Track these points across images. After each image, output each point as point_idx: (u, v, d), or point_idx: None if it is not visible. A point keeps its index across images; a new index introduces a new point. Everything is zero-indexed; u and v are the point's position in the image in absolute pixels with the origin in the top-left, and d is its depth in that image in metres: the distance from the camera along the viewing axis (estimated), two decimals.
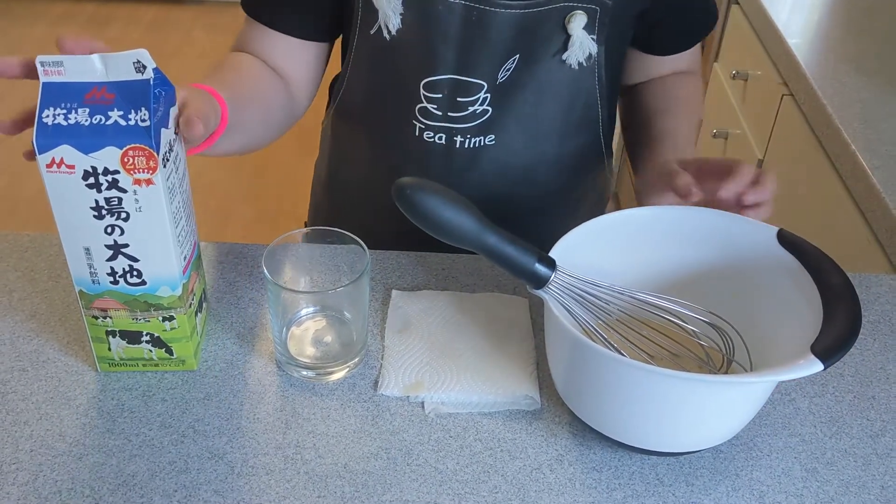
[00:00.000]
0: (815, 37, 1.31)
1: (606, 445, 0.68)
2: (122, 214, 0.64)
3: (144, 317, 0.69)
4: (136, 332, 0.70)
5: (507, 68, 0.83)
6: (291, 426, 0.68)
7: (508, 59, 0.83)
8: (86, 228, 0.64)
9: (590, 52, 0.83)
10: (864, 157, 1.02)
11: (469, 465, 0.66)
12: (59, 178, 0.62)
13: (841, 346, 0.58)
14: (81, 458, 0.65)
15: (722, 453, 0.68)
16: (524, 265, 0.64)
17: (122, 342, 0.71)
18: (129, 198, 0.63)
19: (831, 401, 0.73)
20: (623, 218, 0.72)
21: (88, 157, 0.61)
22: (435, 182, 0.64)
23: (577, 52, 0.82)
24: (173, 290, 0.68)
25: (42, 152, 0.60)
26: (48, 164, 0.61)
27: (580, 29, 0.81)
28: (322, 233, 0.74)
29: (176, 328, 0.70)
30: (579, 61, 0.83)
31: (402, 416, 0.70)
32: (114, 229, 0.64)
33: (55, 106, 0.61)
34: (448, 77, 0.83)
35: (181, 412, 0.69)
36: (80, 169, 0.61)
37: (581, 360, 0.64)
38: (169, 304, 0.69)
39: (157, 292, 0.68)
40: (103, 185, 0.62)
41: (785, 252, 0.68)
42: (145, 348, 0.71)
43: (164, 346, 0.71)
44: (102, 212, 0.63)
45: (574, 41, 0.81)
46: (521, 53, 0.82)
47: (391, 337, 0.76)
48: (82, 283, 0.67)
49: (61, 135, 0.60)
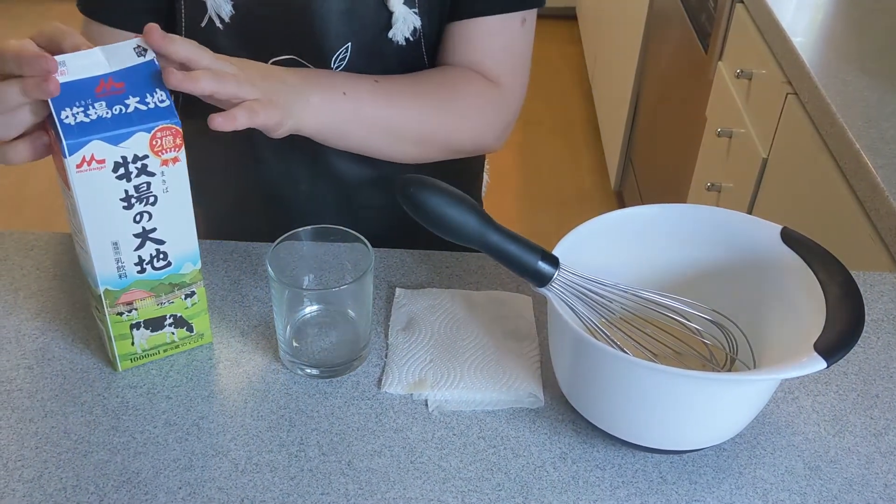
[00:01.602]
0: (819, 36, 1.31)
1: (610, 443, 0.68)
2: (150, 199, 0.65)
3: (169, 299, 0.71)
4: (159, 318, 0.72)
5: (342, 58, 0.84)
6: (295, 424, 0.69)
7: (341, 48, 0.83)
8: (115, 222, 0.65)
9: (414, 26, 0.83)
10: (868, 155, 1.02)
11: (472, 463, 0.66)
12: (89, 176, 0.62)
13: (844, 343, 0.58)
14: (86, 456, 0.66)
15: (725, 451, 0.68)
16: (527, 263, 0.64)
17: (147, 332, 0.72)
18: (156, 181, 0.64)
19: (834, 399, 0.73)
20: (626, 216, 0.72)
21: (118, 147, 0.61)
22: (438, 180, 0.64)
23: (401, 28, 0.83)
24: (195, 264, 0.70)
25: (72, 153, 0.60)
26: (78, 164, 0.61)
27: (401, 4, 0.82)
28: (326, 231, 0.74)
29: (196, 302, 0.73)
30: (406, 37, 0.83)
31: (406, 413, 0.70)
32: (142, 216, 0.66)
33: (70, 106, 0.61)
34: (290, 58, 0.84)
35: (185, 410, 0.69)
36: (111, 161, 0.62)
37: (584, 359, 0.64)
38: (191, 280, 0.71)
39: (181, 270, 0.70)
40: (133, 173, 0.63)
41: (789, 250, 0.68)
42: (168, 332, 0.73)
43: (186, 325, 0.73)
44: (132, 201, 0.64)
45: (397, 17, 0.82)
46: (352, 41, 0.83)
47: (395, 335, 0.76)
48: (108, 281, 0.68)
49: (89, 131, 0.60)
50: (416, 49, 0.86)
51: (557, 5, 3.60)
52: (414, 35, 0.84)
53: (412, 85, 0.84)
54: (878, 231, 0.99)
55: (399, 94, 0.82)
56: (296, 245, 0.75)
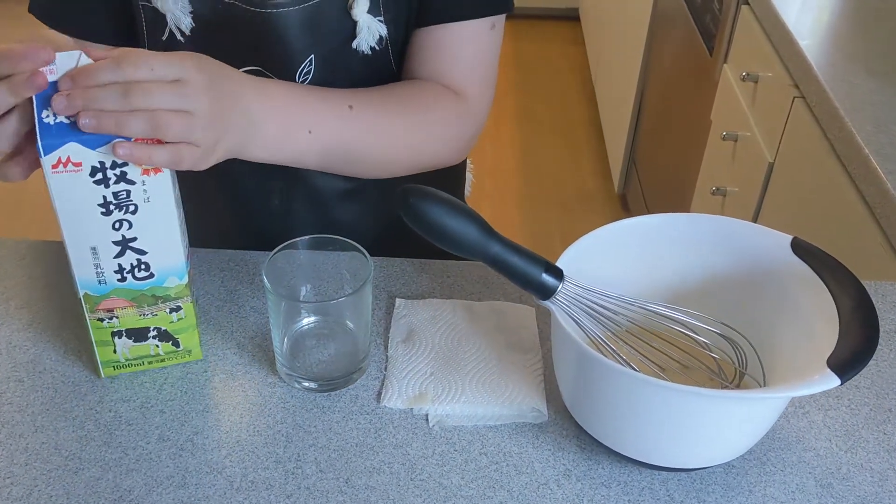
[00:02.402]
0: (826, 38, 1.29)
1: (615, 460, 0.66)
2: (130, 208, 0.63)
3: (152, 311, 0.69)
4: (142, 329, 0.70)
5: (307, 71, 0.81)
6: (292, 439, 0.67)
7: (305, 60, 0.81)
8: (93, 227, 0.63)
9: (380, 35, 0.81)
10: (877, 161, 1.00)
11: (474, 481, 0.64)
12: (65, 178, 0.60)
13: (858, 360, 0.56)
14: (77, 473, 0.64)
15: (734, 468, 0.66)
16: (531, 276, 0.62)
17: (129, 341, 0.70)
18: (137, 189, 0.62)
19: (846, 413, 0.71)
20: (632, 225, 0.70)
21: (96, 152, 0.60)
22: (438, 190, 0.62)
23: (366, 37, 0.80)
24: (180, 278, 0.68)
25: (48, 153, 0.59)
26: (54, 165, 0.59)
27: (364, 13, 0.79)
28: (324, 241, 0.72)
29: (183, 318, 0.70)
30: (371, 46, 0.81)
31: (406, 428, 0.68)
32: (122, 224, 0.64)
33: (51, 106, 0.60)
34: (255, 69, 0.81)
35: (180, 424, 0.68)
36: (88, 165, 0.60)
37: (589, 374, 0.62)
38: (176, 294, 0.68)
39: (165, 283, 0.67)
40: (111, 179, 0.61)
41: (799, 261, 0.66)
42: (152, 344, 0.71)
43: (171, 339, 0.71)
44: (110, 207, 0.63)
45: (361, 26, 0.79)
46: (314, 53, 0.80)
47: (395, 347, 0.74)
48: (88, 286, 0.66)
49: (67, 133, 0.59)
50: (384, 57, 0.83)
51: (560, 6, 3.59)
52: (380, 44, 0.82)
53: (383, 111, 0.79)
54: (889, 238, 0.97)
55: (369, 123, 0.78)
56: (293, 254, 0.73)
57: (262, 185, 0.90)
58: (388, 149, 0.80)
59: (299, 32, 0.79)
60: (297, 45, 0.80)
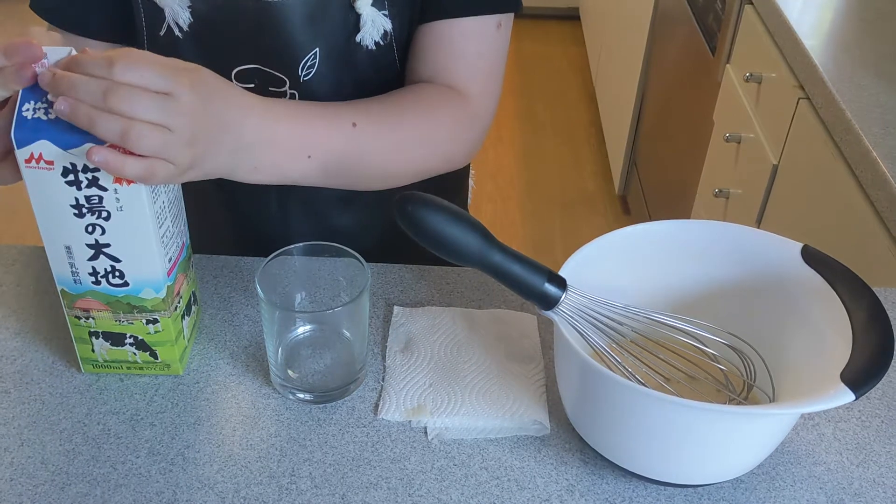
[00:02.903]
0: (832, 38, 1.27)
1: (620, 475, 0.64)
2: (102, 213, 0.61)
3: (128, 319, 0.67)
4: (119, 335, 0.68)
5: (310, 65, 0.79)
6: (286, 453, 0.65)
7: (308, 54, 0.78)
8: (67, 226, 0.61)
9: (384, 29, 0.78)
10: (885, 164, 0.98)
11: (474, 496, 0.62)
12: (38, 174, 0.59)
13: (873, 374, 0.54)
14: (64, 489, 0.62)
15: (742, 484, 0.64)
16: (533, 285, 0.60)
17: (106, 344, 0.68)
18: (109, 196, 0.60)
19: (857, 426, 0.69)
20: (637, 232, 0.68)
21: (67, 153, 0.58)
22: (438, 197, 0.60)
23: (370, 32, 0.78)
24: (157, 292, 0.65)
25: (20, 147, 0.58)
26: (27, 160, 0.58)
27: (369, 6, 0.77)
28: (319, 247, 0.70)
29: (160, 331, 0.67)
30: (375, 41, 0.79)
31: (404, 442, 0.66)
32: (95, 228, 0.62)
33: (36, 100, 0.58)
34: (255, 67, 0.79)
35: (170, 438, 0.66)
36: (60, 165, 0.59)
37: (593, 387, 0.60)
38: (153, 307, 0.66)
39: (140, 294, 0.65)
40: (83, 182, 0.59)
41: (810, 270, 0.64)
42: (129, 350, 0.69)
43: (149, 350, 0.69)
44: (83, 210, 0.61)
45: (365, 19, 0.77)
46: (319, 47, 0.78)
47: (392, 356, 0.72)
48: (64, 283, 0.65)
49: (40, 130, 0.58)
50: (388, 53, 0.81)
51: (561, 6, 3.57)
52: (385, 38, 0.79)
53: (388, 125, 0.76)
54: None
55: (373, 139, 0.75)
56: (288, 261, 0.71)
57: (257, 191, 0.88)
58: (391, 163, 0.77)
59: (302, 25, 0.77)
60: (299, 39, 0.78)
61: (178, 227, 0.68)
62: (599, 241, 0.66)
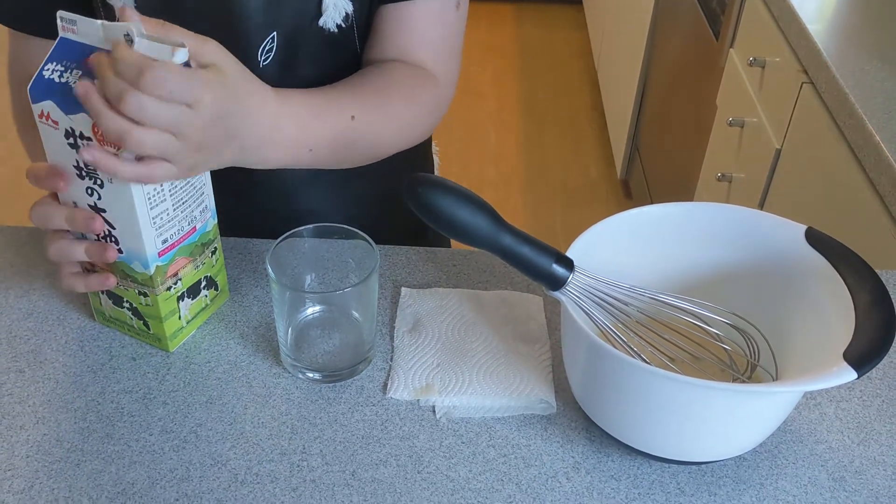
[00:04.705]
0: (836, 23, 1.27)
1: (625, 453, 0.65)
2: (97, 180, 0.64)
3: (124, 284, 0.69)
4: (118, 297, 0.71)
5: (268, 49, 0.79)
6: (297, 431, 0.66)
7: (266, 39, 0.78)
8: (72, 183, 0.65)
9: (346, 12, 0.79)
10: (888, 148, 0.99)
11: (482, 473, 0.63)
12: (48, 130, 0.63)
13: (875, 353, 0.55)
14: (79, 465, 0.63)
15: (745, 461, 0.65)
16: (541, 266, 0.61)
17: (109, 301, 0.71)
18: None
19: (858, 406, 0.70)
20: (643, 214, 0.69)
21: (68, 117, 0.61)
22: (448, 180, 0.61)
23: (332, 15, 0.78)
24: (145, 268, 0.67)
25: (33, 102, 0.62)
26: (39, 115, 0.62)
27: None
28: (328, 229, 0.71)
29: (150, 306, 0.70)
30: (337, 24, 0.79)
31: (412, 420, 0.67)
32: (93, 192, 0.65)
33: (58, 61, 0.62)
34: None
35: (183, 416, 0.67)
36: (63, 128, 0.62)
37: (599, 366, 0.61)
38: (142, 281, 0.68)
39: (132, 265, 0.68)
40: (80, 147, 0.62)
41: (814, 251, 0.64)
42: (127, 314, 0.72)
43: (143, 319, 0.71)
44: (82, 172, 0.64)
45: (328, 4, 0.77)
46: (277, 30, 0.78)
47: (400, 337, 0.73)
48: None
49: (49, 91, 0.61)
50: (349, 35, 0.81)
51: None
52: (346, 21, 0.80)
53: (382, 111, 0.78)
54: None
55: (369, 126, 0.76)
56: (297, 242, 0.72)
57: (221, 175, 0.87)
58: (381, 146, 0.79)
59: (260, 8, 0.76)
60: (257, 21, 0.77)
61: (188, 211, 0.68)
62: (605, 223, 0.67)
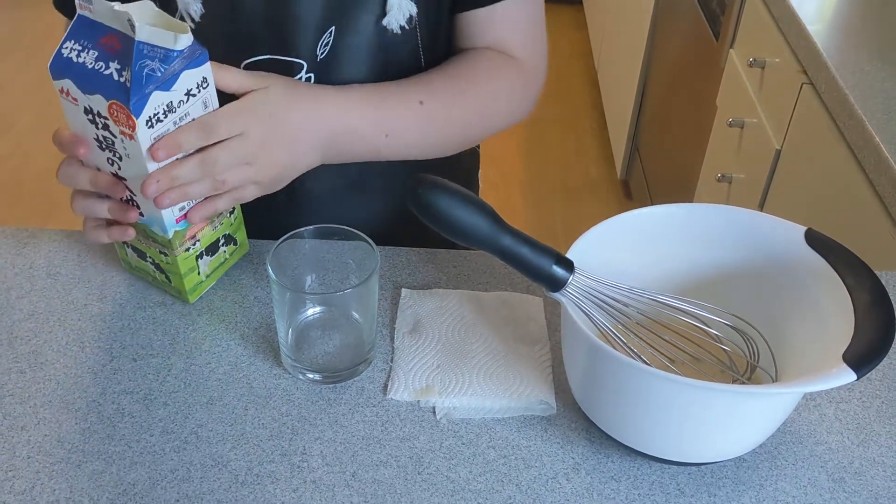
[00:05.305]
0: (836, 23, 1.27)
1: (625, 454, 0.65)
2: (116, 153, 0.67)
3: (147, 243, 0.73)
4: (142, 252, 0.75)
5: (325, 42, 0.79)
6: (298, 432, 0.66)
7: (325, 33, 0.79)
8: (94, 153, 0.68)
9: (409, 14, 0.79)
10: (888, 149, 0.99)
11: (482, 474, 0.63)
12: (69, 105, 0.66)
13: (875, 354, 0.55)
14: (80, 466, 0.63)
15: (745, 462, 0.65)
16: (541, 267, 0.61)
17: (133, 254, 0.76)
18: (118, 143, 0.66)
19: (858, 407, 0.70)
20: (643, 216, 0.69)
21: (86, 96, 0.64)
22: (448, 181, 0.61)
23: (396, 16, 0.79)
24: (163, 232, 0.71)
25: (55, 79, 0.65)
26: (60, 91, 0.65)
27: None
28: (329, 230, 0.71)
29: (170, 264, 0.73)
30: (401, 25, 0.80)
31: (413, 421, 0.67)
32: (113, 163, 0.68)
33: (76, 40, 0.64)
34: (267, 57, 0.79)
35: (183, 417, 0.67)
36: (82, 105, 0.65)
37: (599, 367, 0.61)
38: (162, 242, 0.72)
39: (153, 227, 0.71)
40: (98, 124, 0.65)
41: (813, 253, 0.65)
42: (150, 267, 0.76)
43: (164, 273, 0.75)
44: (102, 145, 0.67)
45: (392, 4, 0.78)
46: (336, 25, 0.78)
47: (401, 338, 0.73)
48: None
49: (68, 70, 0.64)
50: (412, 39, 0.81)
51: None
52: (409, 23, 0.80)
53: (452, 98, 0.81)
54: None
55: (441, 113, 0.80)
56: (297, 243, 0.72)
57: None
58: (453, 135, 0.82)
59: (321, 5, 0.77)
60: (316, 19, 0.77)
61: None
62: (605, 224, 0.67)
